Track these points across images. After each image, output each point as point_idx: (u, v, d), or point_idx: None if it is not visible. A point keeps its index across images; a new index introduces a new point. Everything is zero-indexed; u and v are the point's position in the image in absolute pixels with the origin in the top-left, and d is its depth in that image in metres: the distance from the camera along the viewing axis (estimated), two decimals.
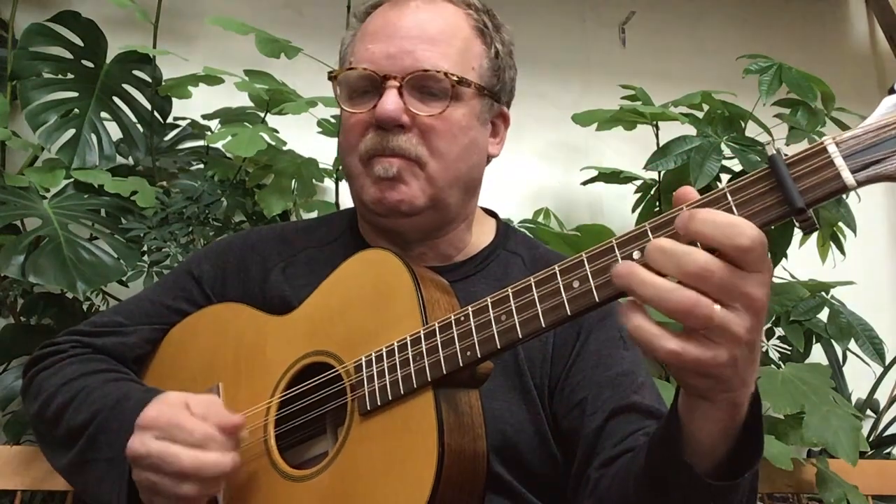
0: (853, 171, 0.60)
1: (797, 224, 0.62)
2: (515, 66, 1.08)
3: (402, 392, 0.79)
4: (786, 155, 0.63)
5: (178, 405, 0.85)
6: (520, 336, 0.72)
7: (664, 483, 0.72)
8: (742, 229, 0.59)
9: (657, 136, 1.94)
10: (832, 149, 0.60)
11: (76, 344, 1.05)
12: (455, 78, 0.96)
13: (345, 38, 1.07)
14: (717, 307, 0.59)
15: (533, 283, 0.72)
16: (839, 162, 0.60)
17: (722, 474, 0.69)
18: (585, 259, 0.69)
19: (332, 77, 1.02)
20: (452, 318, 0.78)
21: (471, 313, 0.76)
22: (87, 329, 1.07)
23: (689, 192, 0.65)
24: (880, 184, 0.61)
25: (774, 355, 1.87)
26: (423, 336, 0.79)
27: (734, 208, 0.62)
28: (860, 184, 0.60)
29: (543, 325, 0.71)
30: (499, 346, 0.74)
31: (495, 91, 1.03)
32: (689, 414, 0.69)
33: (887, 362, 1.92)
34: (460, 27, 1.00)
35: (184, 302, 1.07)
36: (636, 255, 0.65)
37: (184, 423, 0.83)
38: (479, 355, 0.75)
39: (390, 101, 0.94)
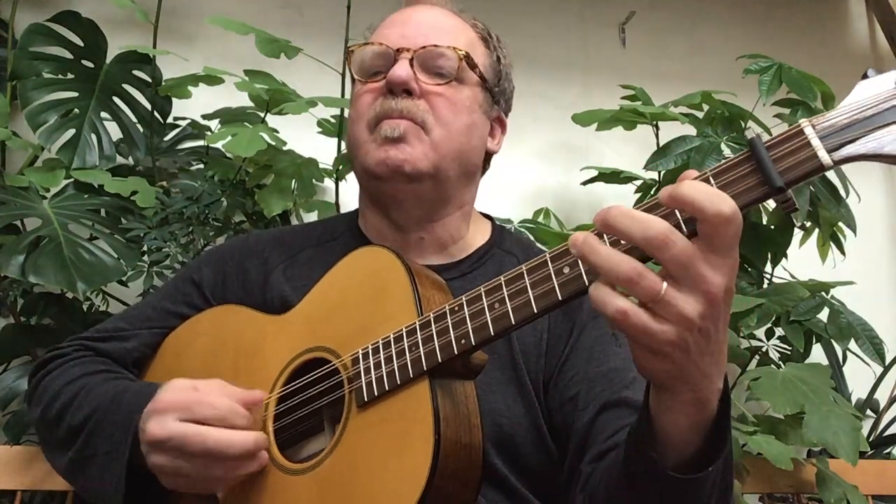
0: (829, 151, 0.62)
1: (778, 203, 0.63)
2: (513, 84, 1.15)
3: (398, 382, 0.79)
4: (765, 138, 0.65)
5: (189, 388, 0.86)
6: (513, 322, 0.73)
7: (638, 478, 0.73)
8: (726, 199, 0.60)
9: (657, 136, 1.94)
10: (809, 130, 0.63)
11: (80, 347, 1.06)
12: (462, 52, 1.03)
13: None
14: (665, 283, 0.60)
15: (525, 271, 0.73)
16: (815, 143, 0.62)
17: (693, 467, 0.70)
18: None
19: (349, 53, 1.08)
20: (447, 307, 0.79)
21: (464, 302, 0.78)
22: (91, 335, 1.08)
23: (692, 174, 0.66)
24: (880, 184, 0.62)
25: (774, 355, 1.87)
26: (418, 327, 0.80)
27: None
28: (836, 163, 0.62)
29: (535, 311, 0.72)
30: (493, 333, 0.75)
31: (495, 91, 1.09)
32: (657, 408, 0.70)
33: (887, 362, 1.91)
34: (467, 30, 1.10)
35: (184, 306, 1.08)
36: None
37: (205, 398, 0.83)
38: (473, 343, 0.76)
39: (401, 67, 1.00)
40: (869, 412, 2.11)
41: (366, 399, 0.81)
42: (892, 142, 0.61)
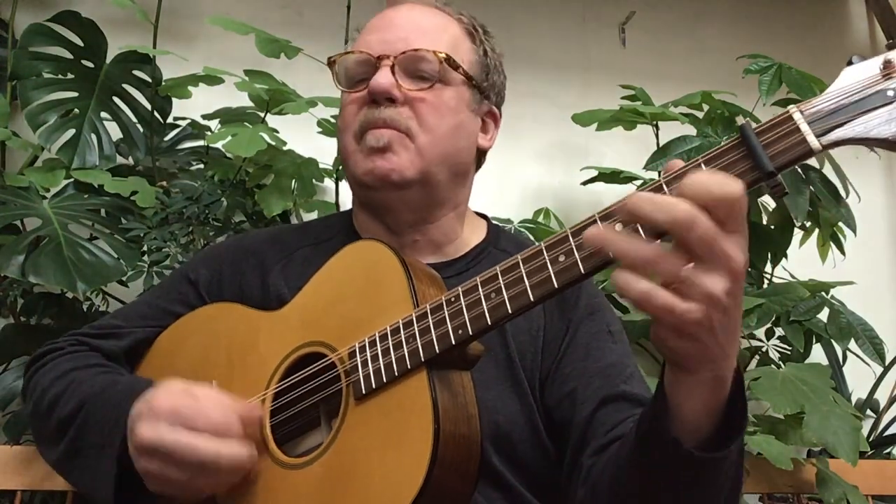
0: (818, 136, 0.64)
1: (768, 189, 0.65)
2: (506, 75, 1.14)
3: (396, 374, 0.80)
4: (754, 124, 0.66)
5: (184, 393, 0.83)
6: (510, 311, 0.74)
7: (653, 460, 0.73)
8: (733, 179, 0.62)
9: (657, 136, 1.94)
10: (797, 116, 0.65)
11: (74, 342, 1.06)
12: (443, 55, 1.02)
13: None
14: (687, 262, 0.61)
15: (520, 260, 0.74)
16: (804, 127, 0.64)
17: (708, 448, 0.70)
18: (570, 234, 0.71)
19: (330, 63, 1.07)
20: (443, 299, 0.79)
21: (461, 293, 0.78)
22: (86, 331, 1.08)
23: (678, 163, 0.69)
24: (880, 184, 0.62)
25: (774, 355, 1.87)
26: (415, 319, 0.80)
27: None
28: (825, 147, 0.64)
29: (532, 300, 0.73)
30: (489, 323, 0.75)
31: (483, 86, 1.08)
32: (674, 390, 0.70)
33: (887, 362, 1.91)
34: (451, 26, 1.08)
35: (179, 305, 1.08)
36: (618, 227, 0.68)
37: (202, 408, 0.81)
38: (470, 333, 0.76)
39: (383, 76, 1.00)
40: (869, 412, 2.11)
41: (364, 391, 0.81)
42: (879, 125, 0.63)
